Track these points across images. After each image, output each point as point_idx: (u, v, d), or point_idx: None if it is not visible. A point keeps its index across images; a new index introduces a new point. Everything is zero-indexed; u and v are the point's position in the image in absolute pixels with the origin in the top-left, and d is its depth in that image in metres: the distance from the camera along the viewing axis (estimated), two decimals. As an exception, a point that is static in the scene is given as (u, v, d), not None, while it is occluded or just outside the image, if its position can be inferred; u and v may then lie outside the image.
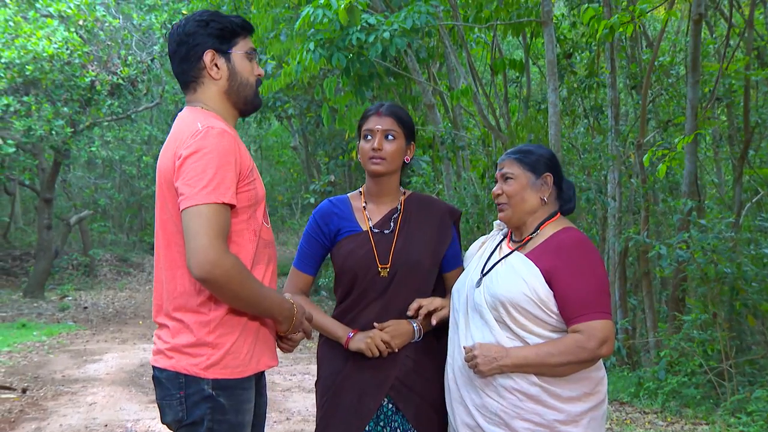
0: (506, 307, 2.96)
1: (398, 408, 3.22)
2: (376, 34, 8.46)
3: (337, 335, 3.26)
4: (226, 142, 2.62)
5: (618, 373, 8.81)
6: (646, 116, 10.51)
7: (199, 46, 2.78)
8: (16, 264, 23.26)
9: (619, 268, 9.80)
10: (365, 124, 3.30)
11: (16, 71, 15.09)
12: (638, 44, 11.30)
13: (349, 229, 3.32)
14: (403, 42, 8.47)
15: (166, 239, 2.74)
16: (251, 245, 2.75)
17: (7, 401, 8.14)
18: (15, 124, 15.35)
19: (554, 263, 2.96)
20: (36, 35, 14.79)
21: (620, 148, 9.74)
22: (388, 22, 8.38)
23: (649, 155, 6.78)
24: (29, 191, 23.08)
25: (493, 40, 10.82)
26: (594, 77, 11.19)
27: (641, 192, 9.48)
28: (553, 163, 3.15)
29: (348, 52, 8.90)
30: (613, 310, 9.79)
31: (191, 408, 2.67)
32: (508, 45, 16.95)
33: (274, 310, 2.76)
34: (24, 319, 15.14)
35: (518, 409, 2.92)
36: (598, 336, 2.87)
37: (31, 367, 10.33)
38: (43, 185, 19.11)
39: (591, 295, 2.91)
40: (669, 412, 7.33)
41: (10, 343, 12.10)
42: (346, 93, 9.94)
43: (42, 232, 19.06)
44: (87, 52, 15.65)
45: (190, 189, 2.55)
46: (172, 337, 2.71)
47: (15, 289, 20.14)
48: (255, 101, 2.91)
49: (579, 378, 2.95)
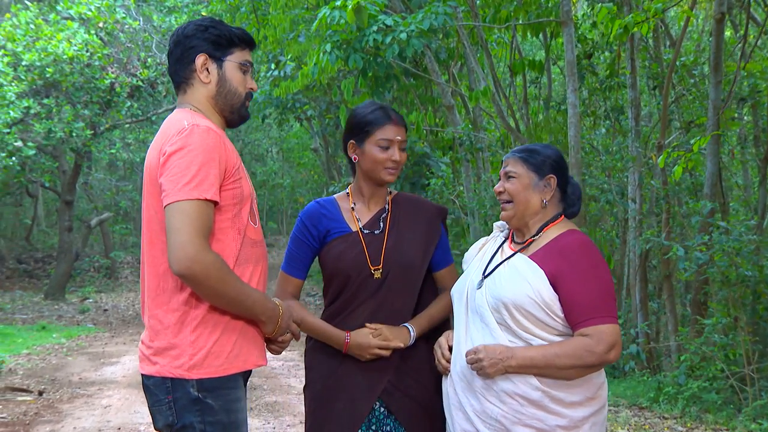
0: (509, 309, 2.89)
1: (390, 411, 3.19)
2: (392, 35, 8.39)
3: (333, 340, 3.21)
4: (211, 140, 2.63)
5: (638, 378, 8.69)
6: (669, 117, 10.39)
7: (194, 49, 2.82)
8: (38, 266, 23.42)
9: (640, 271, 9.67)
10: (381, 132, 3.21)
11: (36, 73, 15.17)
12: (660, 44, 11.17)
13: (339, 230, 3.27)
14: (420, 43, 8.40)
15: (150, 236, 2.74)
16: (235, 243, 2.74)
17: (23, 403, 8.14)
18: (35, 126, 15.42)
19: (559, 266, 2.88)
20: (56, 38, 14.88)
21: (640, 150, 9.61)
22: (405, 23, 8.31)
23: (664, 156, 6.65)
24: (51, 194, 23.22)
25: (512, 41, 10.70)
26: (615, 78, 11.05)
27: (662, 194, 9.35)
28: (559, 164, 3.07)
29: (365, 54, 8.85)
30: (633, 314, 9.71)
31: (180, 412, 2.65)
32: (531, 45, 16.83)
33: (257, 310, 2.72)
34: (44, 322, 15.21)
35: (519, 414, 2.85)
36: (607, 340, 2.80)
37: (48, 369, 10.35)
38: (63, 188, 19.20)
39: (598, 299, 2.84)
40: (689, 418, 7.19)
41: (29, 345, 12.15)
42: (363, 94, 9.87)
43: (63, 235, 19.15)
44: (107, 54, 15.72)
45: (173, 185, 2.56)
46: (152, 340, 2.71)
47: (37, 291, 20.25)
48: (242, 112, 2.92)
49: (581, 382, 2.88)
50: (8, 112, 14.00)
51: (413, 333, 3.19)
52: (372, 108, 3.26)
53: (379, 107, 3.27)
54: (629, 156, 9.62)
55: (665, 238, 8.91)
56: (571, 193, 3.12)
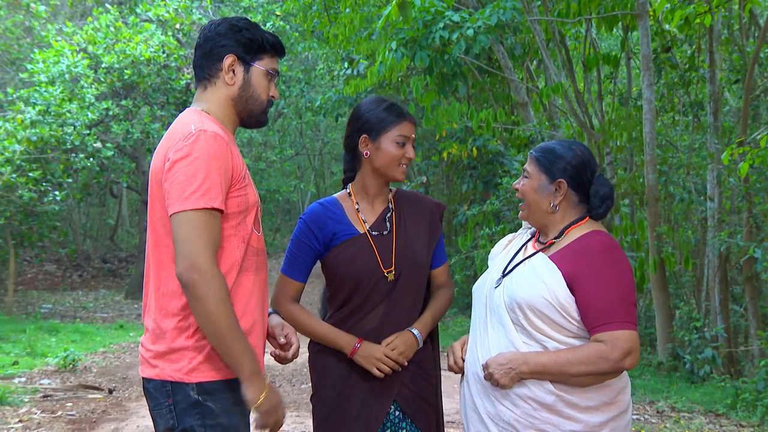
0: (523, 309, 2.79)
1: (405, 414, 3.15)
2: (459, 32, 8.24)
3: (340, 345, 3.13)
4: (218, 147, 2.59)
5: (716, 383, 8.35)
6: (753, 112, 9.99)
7: (224, 48, 2.78)
8: (122, 266, 23.91)
9: (719, 272, 9.31)
10: (399, 128, 3.17)
11: (115, 75, 15.46)
12: (743, 35, 10.73)
13: (346, 233, 3.18)
14: (487, 39, 8.24)
15: (154, 239, 2.71)
16: (238, 251, 2.69)
17: (92, 401, 8.24)
18: (114, 128, 15.69)
19: (577, 267, 2.76)
20: (135, 40, 15.11)
21: (719, 146, 9.25)
22: (472, 19, 8.16)
23: (728, 152, 6.33)
24: (135, 194, 23.67)
25: (586, 35, 10.43)
26: (694, 71, 10.68)
27: (742, 192, 8.98)
28: (574, 167, 2.92)
29: (431, 51, 8.72)
30: (713, 316, 9.36)
31: (181, 415, 2.63)
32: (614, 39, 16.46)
33: (241, 361, 2.58)
34: (123, 320, 15.48)
35: (532, 418, 2.75)
36: (623, 347, 2.67)
37: (121, 367, 10.48)
38: (143, 188, 19.54)
39: (615, 304, 2.71)
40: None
41: (106, 343, 12.37)
42: (429, 92, 9.73)
43: (143, 234, 19.49)
44: (183, 55, 15.90)
45: (179, 194, 2.53)
46: (152, 343, 2.69)
47: (119, 290, 20.66)
48: (260, 118, 2.90)
49: (598, 387, 2.75)
50: (87, 114, 14.25)
51: (419, 338, 3.14)
52: (386, 104, 3.21)
53: (391, 103, 3.22)
54: (708, 153, 9.28)
55: (746, 237, 8.56)
56: (594, 194, 2.94)
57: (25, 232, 15.95)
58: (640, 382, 8.57)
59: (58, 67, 13.60)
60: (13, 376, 9.32)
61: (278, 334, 2.93)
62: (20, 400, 7.96)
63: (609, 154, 9.75)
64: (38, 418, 7.33)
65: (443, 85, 9.69)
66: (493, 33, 8.40)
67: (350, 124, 3.25)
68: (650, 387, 8.37)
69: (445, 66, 9.00)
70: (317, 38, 15.79)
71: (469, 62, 10.51)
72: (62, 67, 13.55)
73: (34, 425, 7.09)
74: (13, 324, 13.51)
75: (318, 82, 20.97)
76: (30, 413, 7.53)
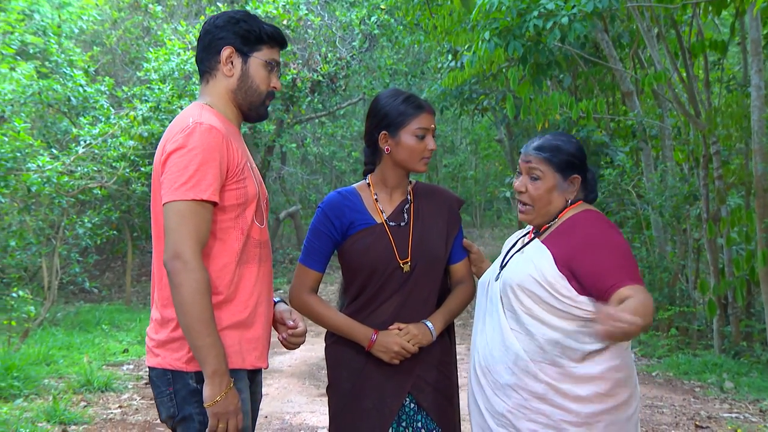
0: (514, 290, 2.84)
1: (420, 406, 3.13)
2: (554, 20, 8.06)
3: (358, 337, 3.13)
4: (213, 139, 2.63)
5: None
6: None
7: (222, 41, 2.85)
8: (236, 259, 24.47)
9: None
10: (417, 121, 3.14)
11: (225, 71, 15.76)
12: None
13: (363, 222, 3.18)
14: (583, 27, 8.00)
15: (156, 232, 2.77)
16: (237, 243, 2.74)
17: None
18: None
19: (571, 242, 2.82)
20: (243, 36, 15.38)
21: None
22: (567, 7, 7.95)
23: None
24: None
25: (691, 20, 10.05)
26: (809, 57, 10.15)
27: None
28: (581, 161, 2.98)
29: (526, 41, 8.55)
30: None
31: (181, 403, 2.69)
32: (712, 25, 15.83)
33: (207, 355, 2.57)
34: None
35: (524, 409, 2.79)
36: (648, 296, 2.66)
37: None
38: (253, 180, 19.92)
39: (622, 260, 2.75)
40: None
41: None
42: (524, 83, 9.55)
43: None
44: (289, 50, 16.08)
45: (171, 184, 2.59)
46: (155, 333, 2.75)
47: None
48: (260, 110, 2.94)
49: (592, 377, 2.75)
50: (196, 110, 14.59)
51: (433, 330, 3.11)
52: (402, 96, 3.17)
53: (408, 95, 3.18)
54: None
55: None
56: (590, 180, 3.02)
57: (143, 224, 16.47)
58: (745, 379, 8.22)
59: (169, 65, 13.96)
60: (122, 364, 9.68)
61: (286, 317, 2.96)
62: (124, 387, 8.24)
63: (715, 143, 9.39)
64: (137, 404, 7.58)
65: (537, 74, 9.50)
66: (590, 20, 8.16)
67: (369, 120, 3.23)
68: (756, 385, 8.02)
69: (540, 56, 8.82)
70: (422, 31, 15.75)
71: (573, 52, 10.29)
72: (173, 64, 13.89)
73: (132, 411, 7.33)
74: (131, 314, 14.01)
75: (432, 75, 20.90)
76: (131, 399, 7.79)
